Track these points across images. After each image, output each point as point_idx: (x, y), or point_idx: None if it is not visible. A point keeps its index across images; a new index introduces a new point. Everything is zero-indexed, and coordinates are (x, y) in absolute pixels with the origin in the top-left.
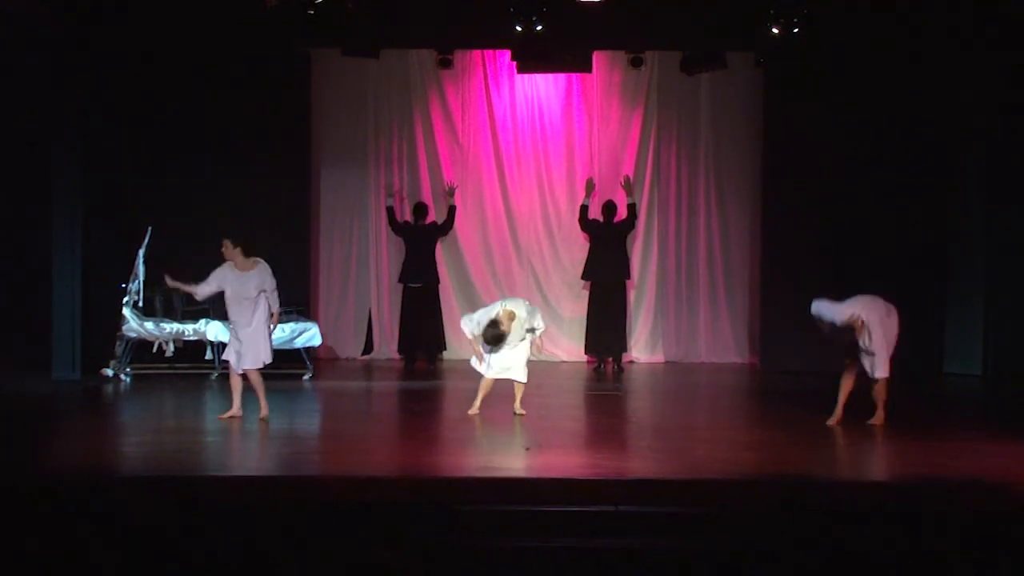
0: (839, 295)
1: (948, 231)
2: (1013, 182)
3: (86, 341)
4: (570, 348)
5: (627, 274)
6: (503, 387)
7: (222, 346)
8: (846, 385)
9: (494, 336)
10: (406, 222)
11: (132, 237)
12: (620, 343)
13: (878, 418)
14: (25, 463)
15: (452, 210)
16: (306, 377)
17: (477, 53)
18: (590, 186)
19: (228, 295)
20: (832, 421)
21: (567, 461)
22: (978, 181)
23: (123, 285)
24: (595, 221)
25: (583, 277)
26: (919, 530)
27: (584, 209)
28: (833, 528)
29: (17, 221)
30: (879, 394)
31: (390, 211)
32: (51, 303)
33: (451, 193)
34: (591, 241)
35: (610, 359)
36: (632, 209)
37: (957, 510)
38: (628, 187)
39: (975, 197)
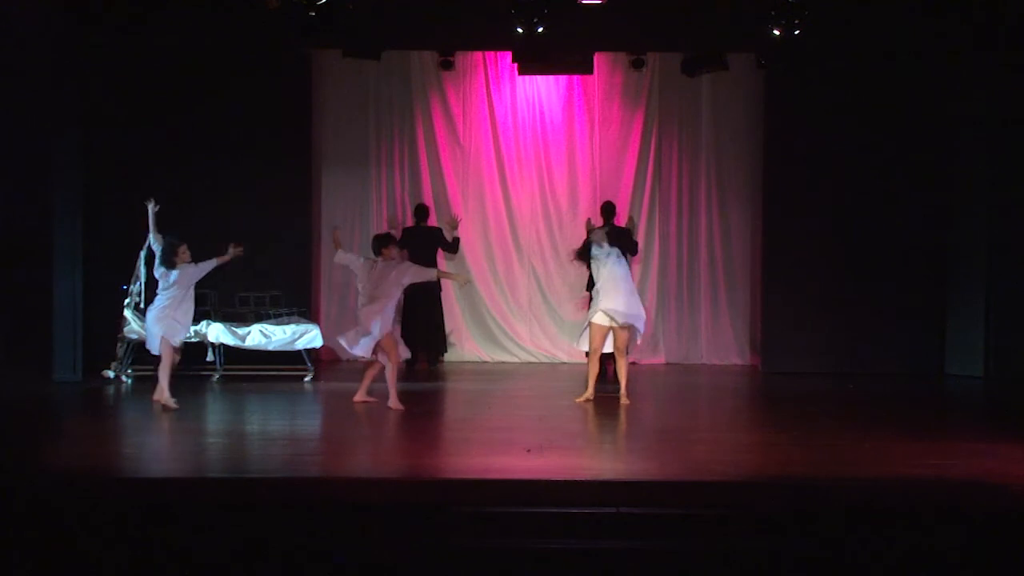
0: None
1: (949, 232)
2: (1014, 183)
3: (87, 343)
4: (571, 349)
5: None
6: (499, 386)
7: (223, 347)
8: None
9: None
10: (407, 228)
11: (132, 238)
12: None
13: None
14: (26, 465)
15: (456, 241)
16: (307, 378)
17: (478, 54)
18: (590, 227)
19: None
20: None
21: (568, 463)
22: (979, 181)
23: (124, 287)
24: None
25: (588, 289)
26: (919, 530)
27: (584, 244)
28: (834, 529)
29: (17, 221)
30: None
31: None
32: (52, 304)
33: (454, 226)
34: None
35: (611, 361)
36: (634, 246)
37: (957, 510)
38: (632, 228)
39: (976, 197)
